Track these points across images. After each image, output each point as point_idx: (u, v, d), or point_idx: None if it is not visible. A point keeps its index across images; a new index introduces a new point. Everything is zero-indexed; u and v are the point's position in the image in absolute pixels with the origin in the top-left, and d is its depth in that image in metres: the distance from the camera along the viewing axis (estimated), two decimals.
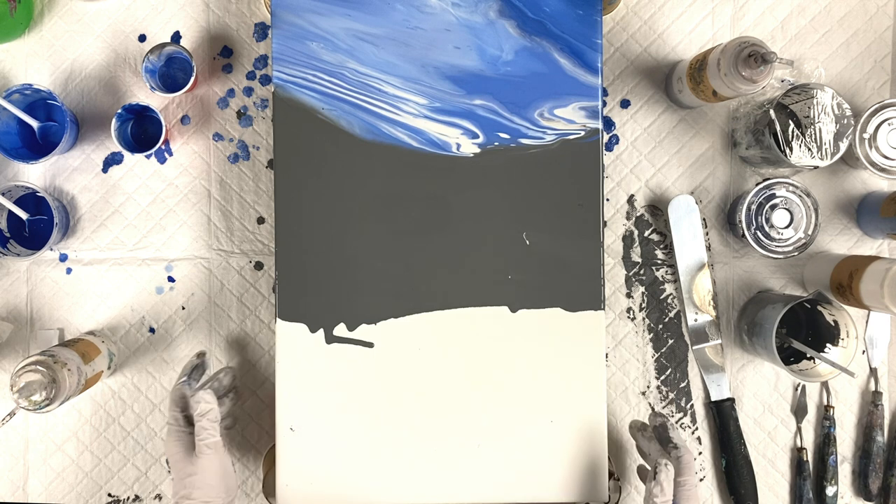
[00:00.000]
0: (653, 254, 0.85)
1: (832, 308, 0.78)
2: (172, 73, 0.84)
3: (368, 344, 0.74)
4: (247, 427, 0.84)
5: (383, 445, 0.74)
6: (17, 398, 0.71)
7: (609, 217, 0.84)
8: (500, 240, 0.74)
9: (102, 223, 0.85)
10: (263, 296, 0.85)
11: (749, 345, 0.82)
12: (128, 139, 0.83)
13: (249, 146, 0.84)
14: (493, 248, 0.74)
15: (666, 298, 0.85)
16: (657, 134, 0.84)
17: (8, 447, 0.85)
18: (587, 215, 0.75)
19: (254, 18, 0.84)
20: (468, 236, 0.74)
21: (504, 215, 0.74)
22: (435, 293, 0.74)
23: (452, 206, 0.74)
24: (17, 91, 0.79)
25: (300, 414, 0.74)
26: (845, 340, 0.78)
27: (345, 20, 0.74)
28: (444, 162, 0.74)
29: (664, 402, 0.84)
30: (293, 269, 0.74)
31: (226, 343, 0.84)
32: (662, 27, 0.84)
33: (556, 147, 0.75)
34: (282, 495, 0.74)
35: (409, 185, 0.74)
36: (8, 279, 0.85)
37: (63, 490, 0.84)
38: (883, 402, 0.84)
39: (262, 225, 0.84)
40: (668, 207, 0.83)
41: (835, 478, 0.83)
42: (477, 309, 0.74)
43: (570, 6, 0.74)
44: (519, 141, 0.75)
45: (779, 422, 0.85)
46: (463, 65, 0.74)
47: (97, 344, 0.80)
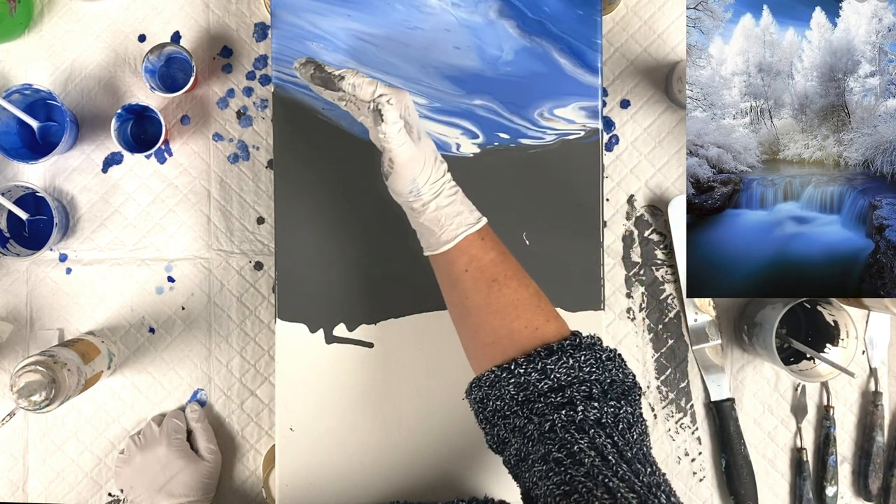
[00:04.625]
0: (653, 254, 0.85)
1: (832, 308, 0.79)
2: (172, 73, 0.84)
3: (368, 344, 0.74)
4: (247, 427, 0.84)
5: (383, 445, 0.74)
6: (17, 398, 0.71)
7: (609, 217, 0.84)
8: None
9: (102, 223, 0.85)
10: (263, 296, 0.85)
11: (749, 345, 0.82)
12: (128, 139, 0.83)
13: (249, 146, 0.84)
14: None
15: (666, 298, 0.85)
16: (657, 134, 0.84)
17: (8, 447, 0.85)
18: (587, 215, 0.75)
19: (254, 18, 0.84)
20: None
21: (504, 215, 0.74)
22: (435, 293, 0.74)
23: None
24: (17, 91, 0.79)
25: (300, 414, 0.74)
26: (845, 340, 0.78)
27: (345, 20, 0.74)
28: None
29: (664, 402, 0.84)
30: (293, 269, 0.74)
31: (226, 343, 0.84)
32: (662, 27, 0.84)
33: (556, 147, 0.75)
34: (282, 495, 0.74)
35: None
36: (8, 279, 0.85)
37: (63, 490, 0.84)
38: (883, 402, 0.84)
39: (262, 225, 0.84)
40: (668, 207, 0.83)
41: (835, 478, 0.83)
42: None
43: (570, 6, 0.74)
44: (519, 141, 0.75)
45: (779, 422, 0.85)
46: (463, 65, 0.74)
47: (97, 344, 0.80)
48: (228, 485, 0.84)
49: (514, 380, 0.55)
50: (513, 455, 0.57)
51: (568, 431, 0.52)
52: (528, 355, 0.56)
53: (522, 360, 0.56)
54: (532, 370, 0.55)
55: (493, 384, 0.57)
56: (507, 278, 0.59)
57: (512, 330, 0.57)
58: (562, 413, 0.53)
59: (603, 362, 0.56)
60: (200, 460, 0.81)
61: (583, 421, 0.52)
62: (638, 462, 0.51)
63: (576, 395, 0.54)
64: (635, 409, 0.56)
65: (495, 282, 0.59)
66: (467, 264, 0.60)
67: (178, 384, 0.84)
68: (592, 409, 0.53)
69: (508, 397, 0.56)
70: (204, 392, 0.84)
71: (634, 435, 0.53)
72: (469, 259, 0.60)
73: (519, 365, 0.55)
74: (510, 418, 0.56)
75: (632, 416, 0.55)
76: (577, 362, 0.55)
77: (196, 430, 0.82)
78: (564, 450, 0.51)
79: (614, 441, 0.52)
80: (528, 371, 0.55)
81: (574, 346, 0.56)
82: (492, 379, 0.57)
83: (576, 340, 0.57)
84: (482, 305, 0.59)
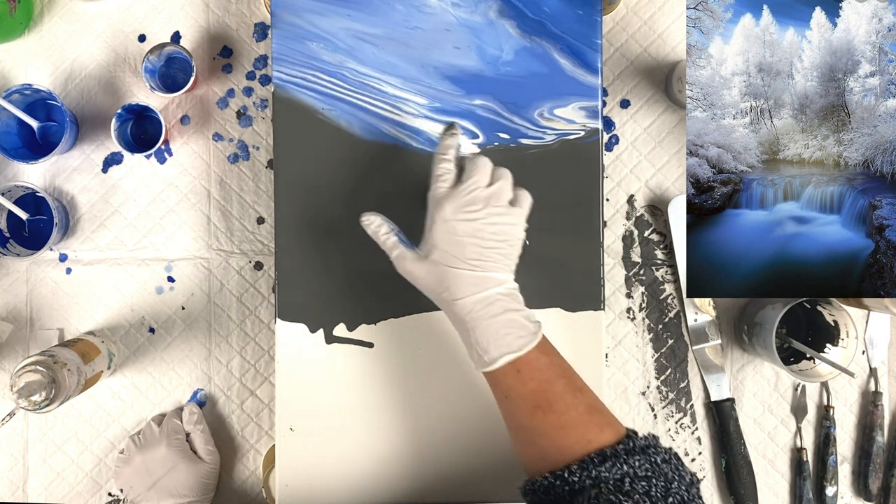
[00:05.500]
0: (653, 254, 0.85)
1: (832, 308, 0.79)
2: (172, 73, 0.84)
3: (368, 344, 0.74)
4: (247, 427, 0.84)
5: (383, 445, 0.74)
6: (17, 398, 0.71)
7: (609, 217, 0.84)
8: None
9: (102, 223, 0.85)
10: (263, 296, 0.85)
11: (749, 345, 0.82)
12: (128, 139, 0.83)
13: (249, 146, 0.84)
14: None
15: (666, 298, 0.85)
16: (657, 134, 0.84)
17: (8, 447, 0.85)
18: (587, 215, 0.75)
19: (254, 18, 0.84)
20: None
21: None
22: None
23: None
24: (17, 91, 0.79)
25: (300, 414, 0.74)
26: (845, 340, 0.78)
27: (345, 20, 0.74)
28: None
29: (664, 402, 0.84)
30: (293, 269, 0.74)
31: (226, 343, 0.84)
32: (662, 27, 0.84)
33: (556, 147, 0.75)
34: (282, 495, 0.74)
35: (409, 185, 0.74)
36: (8, 279, 0.85)
37: (63, 490, 0.84)
38: (883, 402, 0.84)
39: (262, 225, 0.84)
40: (668, 207, 0.83)
41: (835, 478, 0.83)
42: None
43: (570, 6, 0.74)
44: (519, 141, 0.75)
45: (779, 422, 0.85)
46: (463, 65, 0.74)
47: (97, 344, 0.80)
48: (228, 485, 0.84)
49: (567, 487, 0.55)
50: None
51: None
52: (580, 461, 0.55)
53: (576, 468, 0.55)
54: (586, 477, 0.54)
55: (547, 490, 0.56)
56: (552, 403, 0.57)
57: (561, 448, 0.56)
58: (619, 495, 0.52)
59: (658, 465, 0.55)
60: (200, 461, 0.81)
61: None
62: None
63: (636, 486, 0.53)
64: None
65: (538, 408, 0.57)
66: (507, 392, 0.59)
67: (177, 384, 0.84)
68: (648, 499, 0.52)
69: (564, 501, 0.55)
70: (204, 392, 0.84)
71: None
72: (507, 388, 0.59)
73: (573, 473, 0.54)
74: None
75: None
76: (630, 468, 0.54)
77: (194, 433, 0.82)
78: None
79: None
80: (581, 479, 0.54)
81: (628, 451, 0.55)
82: (545, 485, 0.56)
83: (629, 444, 0.56)
84: (528, 428, 0.58)
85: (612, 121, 0.84)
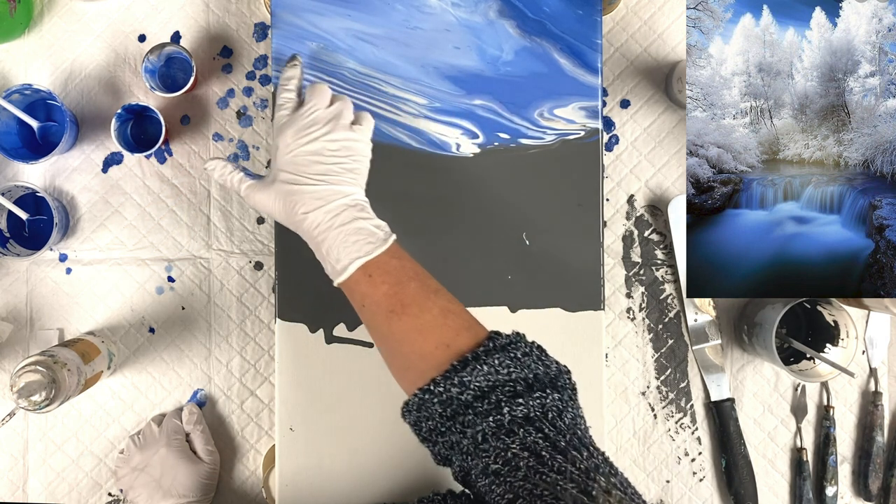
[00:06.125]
0: (653, 254, 0.85)
1: (832, 308, 0.79)
2: (172, 73, 0.84)
3: (368, 344, 0.74)
4: (247, 427, 0.84)
5: (383, 445, 0.74)
6: (17, 398, 0.71)
7: (609, 217, 0.84)
8: (499, 240, 0.74)
9: (102, 223, 0.85)
10: (263, 296, 0.85)
11: (749, 345, 0.82)
12: (127, 139, 0.83)
13: (249, 146, 0.84)
14: (492, 248, 0.74)
15: (666, 298, 0.85)
16: (657, 134, 0.84)
17: (8, 447, 0.85)
18: (587, 215, 0.75)
19: (254, 18, 0.84)
20: (468, 236, 0.74)
21: (504, 215, 0.74)
22: None
23: (452, 207, 0.74)
24: (17, 91, 0.79)
25: (300, 414, 0.74)
26: (845, 340, 0.78)
27: (345, 20, 0.74)
28: (444, 162, 0.74)
29: (664, 402, 0.84)
30: (293, 269, 0.74)
31: (226, 343, 0.84)
32: (662, 27, 0.84)
33: (556, 147, 0.75)
34: (282, 495, 0.74)
35: (409, 185, 0.74)
36: (8, 279, 0.85)
37: (63, 490, 0.84)
38: (883, 402, 0.84)
39: (262, 225, 0.84)
40: (668, 207, 0.83)
41: (835, 478, 0.83)
42: (477, 309, 0.73)
43: (570, 6, 0.74)
44: (519, 141, 0.75)
45: (779, 422, 0.85)
46: (463, 65, 0.74)
47: (97, 344, 0.80)
48: (228, 485, 0.84)
49: (436, 399, 0.55)
50: (457, 471, 0.57)
51: (499, 438, 0.52)
52: (444, 372, 0.55)
53: (440, 379, 0.55)
54: (451, 385, 0.54)
55: (420, 407, 0.56)
56: (406, 306, 0.57)
57: (423, 353, 0.57)
58: (489, 420, 0.53)
59: (520, 359, 0.55)
60: (200, 461, 0.81)
61: (511, 422, 0.52)
62: (573, 449, 0.50)
63: (501, 397, 0.53)
64: (563, 394, 0.55)
65: (392, 313, 0.58)
66: (362, 300, 0.59)
67: (177, 384, 0.84)
68: (518, 406, 0.53)
69: (437, 416, 0.56)
70: (204, 392, 0.84)
71: (566, 420, 0.53)
72: (361, 296, 0.59)
73: (437, 384, 0.55)
74: (445, 435, 0.56)
75: (560, 402, 0.54)
76: (491, 367, 0.54)
77: (193, 433, 0.82)
78: (500, 459, 0.51)
79: (545, 434, 0.51)
80: (447, 388, 0.55)
81: (487, 351, 0.55)
82: (417, 402, 0.56)
83: (489, 345, 0.56)
84: (387, 336, 0.59)
85: (612, 121, 0.84)
